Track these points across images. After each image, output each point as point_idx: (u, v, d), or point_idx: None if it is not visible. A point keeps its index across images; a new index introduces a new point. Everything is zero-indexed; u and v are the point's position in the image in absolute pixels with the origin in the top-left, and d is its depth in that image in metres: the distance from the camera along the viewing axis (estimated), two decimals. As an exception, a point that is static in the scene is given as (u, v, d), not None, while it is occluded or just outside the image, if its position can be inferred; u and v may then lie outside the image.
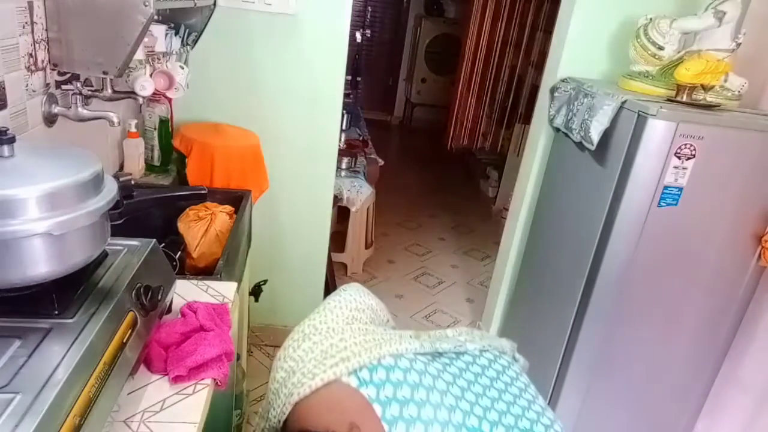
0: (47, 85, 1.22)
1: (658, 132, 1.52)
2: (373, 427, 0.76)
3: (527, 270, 2.30)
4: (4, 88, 1.05)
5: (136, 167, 1.70)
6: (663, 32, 1.71)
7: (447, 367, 0.88)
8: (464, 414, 0.81)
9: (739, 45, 1.64)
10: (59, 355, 0.65)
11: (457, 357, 0.92)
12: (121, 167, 1.71)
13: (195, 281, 1.19)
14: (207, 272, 1.39)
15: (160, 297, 0.88)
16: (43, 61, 1.19)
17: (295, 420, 0.82)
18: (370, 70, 6.55)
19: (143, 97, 1.40)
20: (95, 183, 0.75)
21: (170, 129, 1.84)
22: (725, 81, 1.74)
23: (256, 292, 2.02)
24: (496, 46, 4.23)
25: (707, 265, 1.71)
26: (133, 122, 1.68)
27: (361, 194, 2.88)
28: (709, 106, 1.62)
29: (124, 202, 1.22)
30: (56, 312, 0.72)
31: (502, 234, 2.50)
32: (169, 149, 1.82)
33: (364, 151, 3.14)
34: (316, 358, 0.84)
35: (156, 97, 1.66)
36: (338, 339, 0.86)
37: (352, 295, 0.97)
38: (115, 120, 1.29)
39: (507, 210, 2.70)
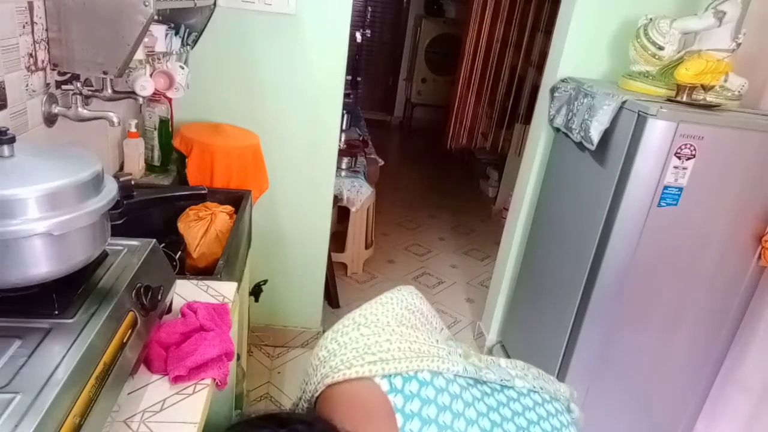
0: (47, 85, 1.22)
1: (658, 132, 1.52)
2: None
3: (527, 270, 2.30)
4: (4, 88, 1.05)
5: (136, 167, 1.70)
6: (663, 32, 1.71)
7: (485, 396, 0.86)
8: None
9: (739, 45, 1.64)
10: (59, 355, 0.65)
11: (501, 389, 0.90)
12: (121, 167, 1.71)
13: (195, 281, 1.19)
14: (207, 272, 1.39)
15: (160, 297, 0.88)
16: (43, 61, 1.19)
17: (325, 401, 0.83)
18: (370, 70, 6.55)
19: (143, 97, 1.40)
20: (95, 183, 0.75)
21: (170, 129, 1.84)
22: (725, 81, 1.74)
23: (256, 292, 2.02)
24: (495, 46, 4.23)
25: (707, 265, 1.71)
26: (133, 122, 1.68)
27: (361, 194, 2.88)
28: (709, 106, 1.62)
29: (124, 202, 1.22)
30: (56, 312, 0.72)
31: (502, 234, 2.50)
32: (169, 149, 1.82)
33: (364, 151, 3.14)
34: (357, 349, 0.85)
35: (156, 97, 1.66)
36: (384, 339, 0.87)
37: (404, 296, 0.98)
38: (115, 120, 1.29)
39: (507, 210, 2.70)
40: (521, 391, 0.91)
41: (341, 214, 3.09)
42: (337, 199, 2.76)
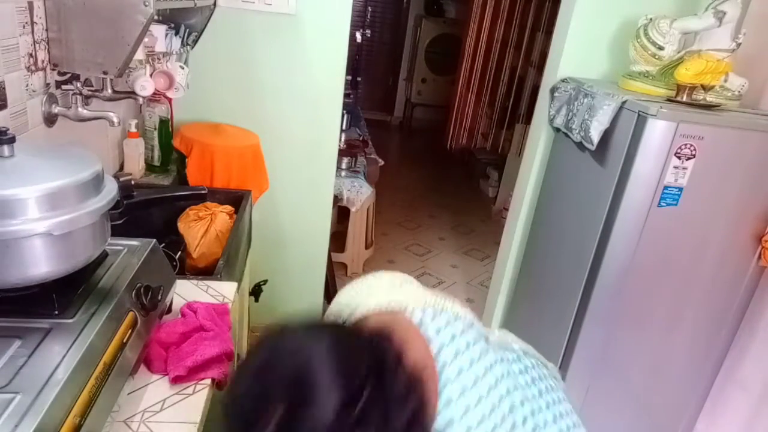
0: (47, 85, 1.22)
1: (658, 132, 1.52)
2: (429, 369, 0.75)
3: (527, 270, 2.30)
4: (4, 88, 1.05)
5: (136, 167, 1.70)
6: (663, 32, 1.71)
7: (492, 349, 0.86)
8: (511, 405, 0.80)
9: (739, 45, 1.64)
10: (59, 355, 0.65)
11: (502, 348, 0.92)
12: (121, 167, 1.71)
13: (195, 281, 1.19)
14: (207, 272, 1.39)
15: (160, 297, 0.88)
16: (43, 61, 1.19)
17: None
18: (370, 70, 6.55)
19: (143, 97, 1.40)
20: (95, 183, 0.75)
21: (170, 129, 1.84)
22: (725, 81, 1.74)
23: (256, 292, 2.02)
24: (495, 46, 4.23)
25: (707, 265, 1.71)
26: (133, 122, 1.68)
27: (361, 194, 2.88)
28: (709, 106, 1.62)
29: (124, 202, 1.22)
30: (56, 312, 0.72)
31: (502, 234, 2.50)
32: (169, 149, 1.82)
33: (364, 151, 3.14)
34: (381, 287, 0.87)
35: (156, 97, 1.66)
36: (406, 283, 0.89)
37: (400, 273, 1.00)
38: (115, 120, 1.29)
39: (507, 210, 2.70)
40: (518, 353, 0.95)
41: (341, 214, 3.09)
42: (337, 199, 2.76)
